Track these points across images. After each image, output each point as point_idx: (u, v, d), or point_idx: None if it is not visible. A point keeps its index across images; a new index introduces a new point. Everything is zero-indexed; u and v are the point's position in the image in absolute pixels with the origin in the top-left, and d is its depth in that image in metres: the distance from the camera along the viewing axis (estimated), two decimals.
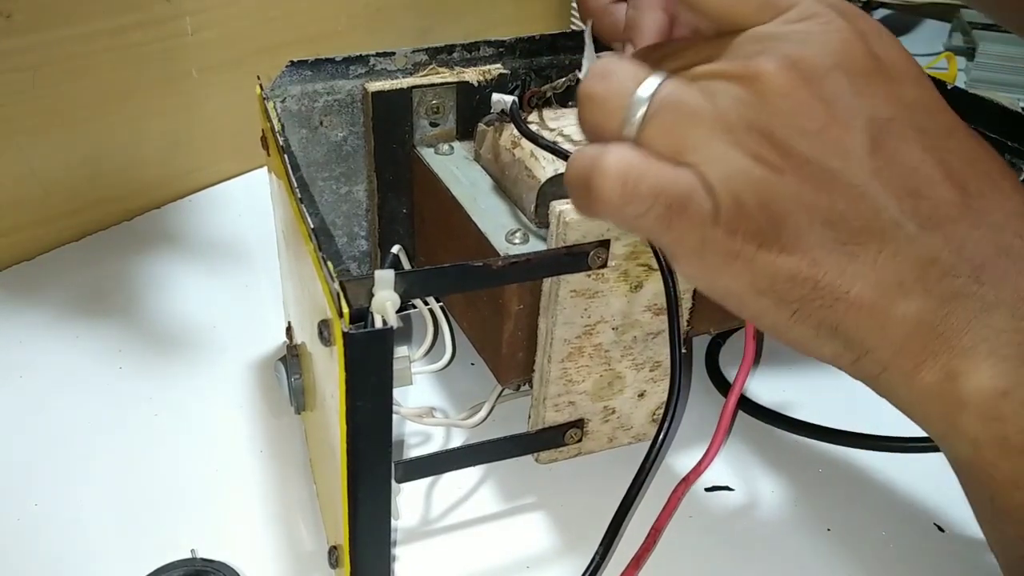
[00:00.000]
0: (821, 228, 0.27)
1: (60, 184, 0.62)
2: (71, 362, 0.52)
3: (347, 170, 0.49)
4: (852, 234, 0.27)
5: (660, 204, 0.28)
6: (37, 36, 0.57)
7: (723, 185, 0.28)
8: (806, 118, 0.27)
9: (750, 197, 0.27)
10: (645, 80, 0.29)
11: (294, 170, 0.37)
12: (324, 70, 0.46)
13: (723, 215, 0.28)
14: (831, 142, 0.27)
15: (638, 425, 0.46)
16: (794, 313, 0.29)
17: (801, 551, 0.43)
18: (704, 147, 0.28)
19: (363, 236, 0.52)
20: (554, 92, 0.47)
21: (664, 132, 0.29)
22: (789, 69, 0.27)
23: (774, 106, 0.27)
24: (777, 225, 0.28)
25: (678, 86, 0.29)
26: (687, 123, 0.28)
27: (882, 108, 0.27)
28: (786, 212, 0.27)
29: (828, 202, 0.27)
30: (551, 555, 0.42)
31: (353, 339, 0.29)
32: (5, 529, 0.42)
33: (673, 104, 0.28)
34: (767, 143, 0.27)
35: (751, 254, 0.28)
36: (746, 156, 0.27)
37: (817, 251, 0.28)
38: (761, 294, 0.29)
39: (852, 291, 0.28)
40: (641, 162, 0.28)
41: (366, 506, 0.33)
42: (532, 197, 0.42)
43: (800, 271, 0.28)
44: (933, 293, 0.27)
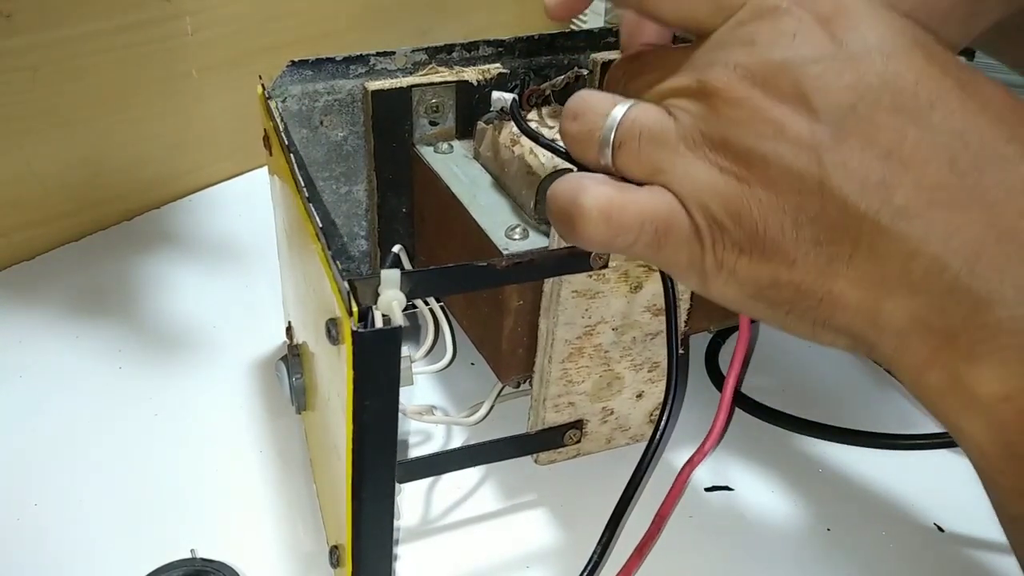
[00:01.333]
0: (794, 230, 0.27)
1: (60, 184, 0.62)
2: (71, 362, 0.52)
3: (347, 170, 0.49)
4: (824, 231, 0.26)
5: (647, 231, 0.29)
6: (37, 36, 0.57)
7: (693, 201, 0.28)
8: (760, 123, 0.27)
9: (719, 209, 0.28)
10: (611, 111, 0.30)
11: (300, 169, 0.37)
12: (324, 70, 0.46)
13: (702, 230, 0.29)
14: (789, 141, 0.26)
15: (636, 426, 0.47)
16: (788, 313, 0.29)
17: (801, 551, 0.43)
18: (671, 166, 0.29)
19: (363, 236, 0.52)
20: (553, 90, 0.47)
21: (633, 158, 0.30)
22: (741, 78, 0.27)
23: (727, 117, 0.27)
24: (752, 233, 0.28)
25: (641, 111, 0.30)
26: (651, 145, 0.29)
27: (842, 95, 0.26)
28: (757, 219, 0.27)
29: (796, 203, 0.27)
30: (550, 554, 0.42)
31: (362, 338, 0.29)
32: (5, 529, 0.42)
33: (636, 130, 0.30)
34: (728, 154, 0.27)
35: (733, 264, 0.28)
36: (711, 169, 0.28)
37: (794, 254, 0.27)
38: (753, 299, 0.29)
39: (834, 291, 0.27)
40: (618, 194, 0.29)
41: (370, 505, 0.33)
42: (531, 193, 0.42)
43: (781, 276, 0.28)
44: (920, 289, 0.26)
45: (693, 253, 0.29)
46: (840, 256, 0.26)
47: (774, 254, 0.27)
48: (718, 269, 0.29)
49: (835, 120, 0.26)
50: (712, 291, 0.30)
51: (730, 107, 0.27)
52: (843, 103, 0.26)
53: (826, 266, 0.27)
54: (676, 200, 0.29)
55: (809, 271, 0.27)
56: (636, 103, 0.30)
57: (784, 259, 0.27)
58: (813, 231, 0.27)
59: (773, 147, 0.27)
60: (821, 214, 0.26)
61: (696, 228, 0.29)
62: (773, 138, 0.27)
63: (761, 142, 0.27)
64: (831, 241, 0.26)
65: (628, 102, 0.30)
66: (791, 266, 0.27)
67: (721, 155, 0.28)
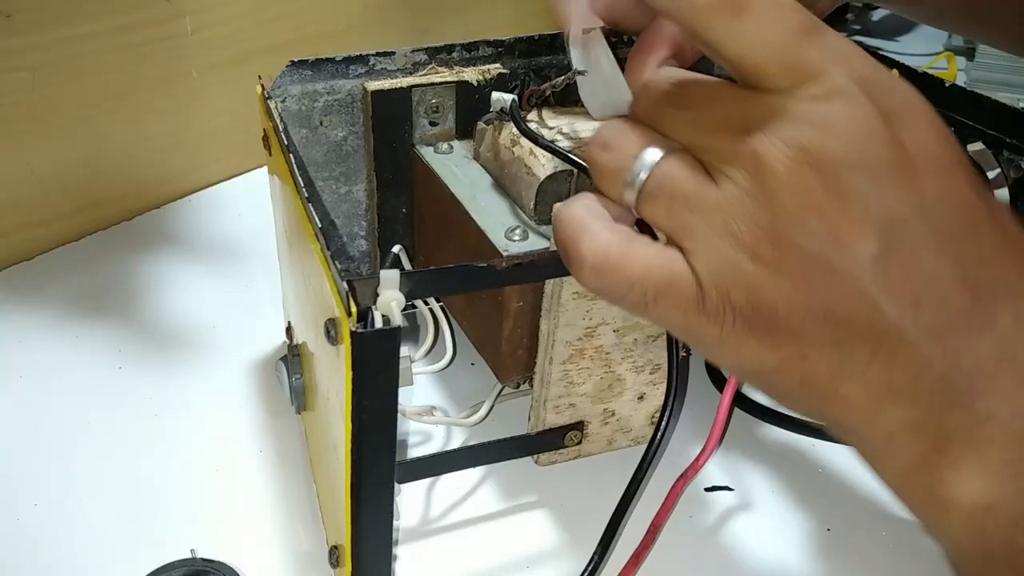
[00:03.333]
0: (815, 326, 0.26)
1: (60, 184, 0.62)
2: (71, 362, 0.52)
3: (347, 170, 0.49)
4: (847, 335, 0.26)
5: (635, 292, 0.28)
6: (37, 36, 0.57)
7: (711, 278, 0.27)
8: (815, 217, 0.26)
9: (740, 294, 0.27)
10: (644, 153, 0.29)
11: (299, 169, 0.37)
12: (324, 70, 0.46)
13: (708, 305, 0.27)
14: (838, 243, 0.26)
15: (637, 428, 0.46)
16: (785, 395, 0.29)
17: (801, 551, 0.43)
18: (697, 236, 0.27)
19: (363, 236, 0.52)
20: (553, 91, 0.47)
21: (661, 214, 0.28)
22: (802, 164, 0.26)
23: (780, 203, 0.26)
24: (770, 321, 0.27)
25: (678, 165, 0.28)
26: (683, 208, 0.28)
27: (899, 208, 0.26)
28: (779, 311, 0.27)
29: (825, 302, 0.26)
30: (550, 555, 0.42)
31: (361, 338, 0.29)
32: (5, 529, 0.42)
33: (669, 186, 0.28)
34: (767, 240, 0.26)
35: (738, 341, 0.28)
36: (740, 251, 0.27)
37: (808, 348, 0.27)
38: (751, 377, 0.29)
39: (840, 390, 0.27)
40: (618, 251, 0.28)
41: (369, 506, 0.33)
42: (531, 194, 0.42)
43: (789, 365, 0.27)
44: (923, 401, 0.26)
45: (690, 320, 0.28)
46: (857, 360, 0.26)
47: (787, 344, 0.27)
48: (719, 341, 0.28)
49: (886, 231, 0.26)
50: (705, 354, 0.30)
51: (787, 195, 0.26)
52: (897, 217, 0.26)
53: (839, 366, 0.27)
54: (685, 267, 0.28)
55: (821, 368, 0.27)
56: (672, 151, 0.28)
57: (797, 351, 0.27)
58: (836, 333, 0.26)
59: (821, 248, 0.26)
60: (849, 318, 0.26)
61: (701, 300, 0.28)
62: (823, 239, 0.26)
63: (810, 240, 0.26)
64: (852, 345, 0.26)
65: (664, 146, 0.28)
66: (802, 359, 0.27)
67: (760, 241, 0.26)
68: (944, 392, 0.26)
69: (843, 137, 0.26)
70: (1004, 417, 0.26)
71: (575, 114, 0.46)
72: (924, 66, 0.92)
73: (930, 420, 0.26)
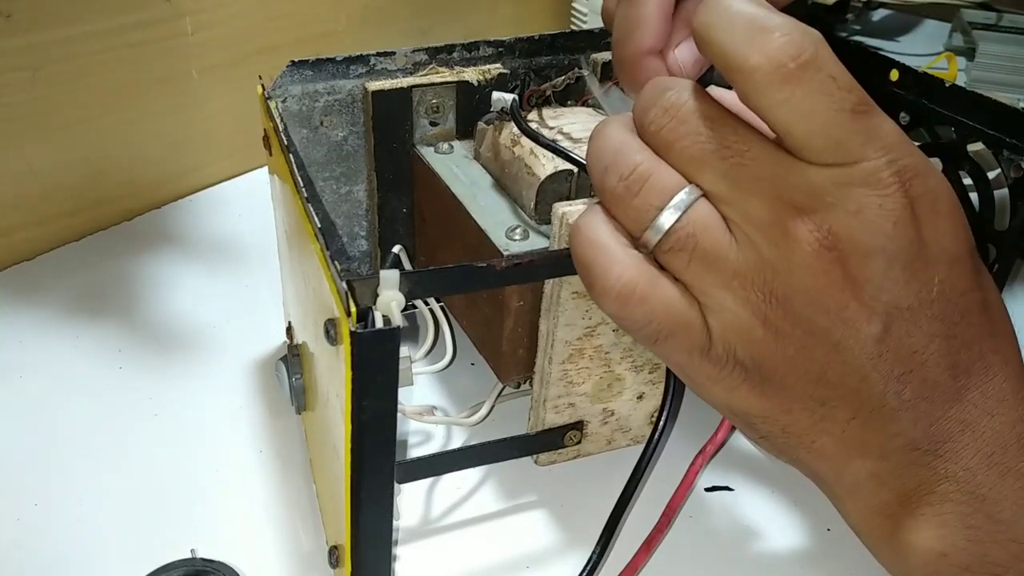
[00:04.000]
0: (806, 386, 0.28)
1: (60, 184, 0.62)
2: (71, 362, 0.52)
3: (347, 170, 0.49)
4: (833, 397, 0.28)
5: (651, 328, 0.29)
6: (37, 36, 0.57)
7: (721, 334, 0.29)
8: (829, 298, 0.27)
9: (744, 351, 0.29)
10: (674, 199, 0.28)
11: (299, 169, 0.37)
12: (325, 70, 0.46)
13: (713, 354, 0.29)
14: (845, 324, 0.27)
15: (636, 427, 0.47)
16: (762, 438, 0.31)
17: (801, 551, 0.43)
18: (714, 293, 0.28)
19: (363, 236, 0.52)
20: (554, 90, 0.47)
21: (679, 267, 0.29)
22: (828, 248, 0.27)
23: (800, 280, 0.27)
24: (764, 375, 0.29)
25: (704, 219, 0.28)
26: (702, 265, 0.28)
27: (907, 297, 0.27)
28: (777, 369, 0.28)
29: (821, 369, 0.28)
30: (550, 555, 0.42)
31: (361, 338, 0.29)
32: (5, 529, 0.42)
33: (693, 241, 0.28)
34: (780, 309, 0.28)
35: (731, 386, 0.29)
36: (753, 316, 0.28)
37: (794, 403, 0.29)
38: (733, 415, 0.31)
39: (817, 442, 0.29)
40: (645, 287, 0.29)
41: (369, 506, 0.33)
42: (532, 194, 0.42)
43: (773, 415, 0.29)
44: (890, 458, 0.29)
45: (692, 362, 0.30)
46: (837, 419, 0.29)
47: (777, 397, 0.29)
48: (712, 382, 0.30)
49: (890, 317, 0.27)
50: (696, 390, 0.31)
51: (807, 275, 0.27)
52: (903, 305, 0.27)
53: (819, 422, 0.29)
54: (699, 316, 0.29)
55: (803, 421, 0.29)
56: (701, 201, 0.28)
57: (784, 404, 0.29)
58: (823, 394, 0.28)
59: (829, 326, 0.27)
60: (838, 385, 0.28)
61: (707, 348, 0.29)
62: (833, 316, 0.27)
63: (820, 316, 0.27)
64: (834, 406, 0.28)
65: (694, 193, 0.28)
66: (787, 412, 0.29)
67: (772, 307, 0.28)
68: (910, 452, 0.29)
69: (872, 227, 0.26)
70: (960, 477, 0.29)
71: (575, 113, 0.46)
72: (924, 66, 0.92)
73: (895, 474, 0.29)
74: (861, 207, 0.26)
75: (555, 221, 0.38)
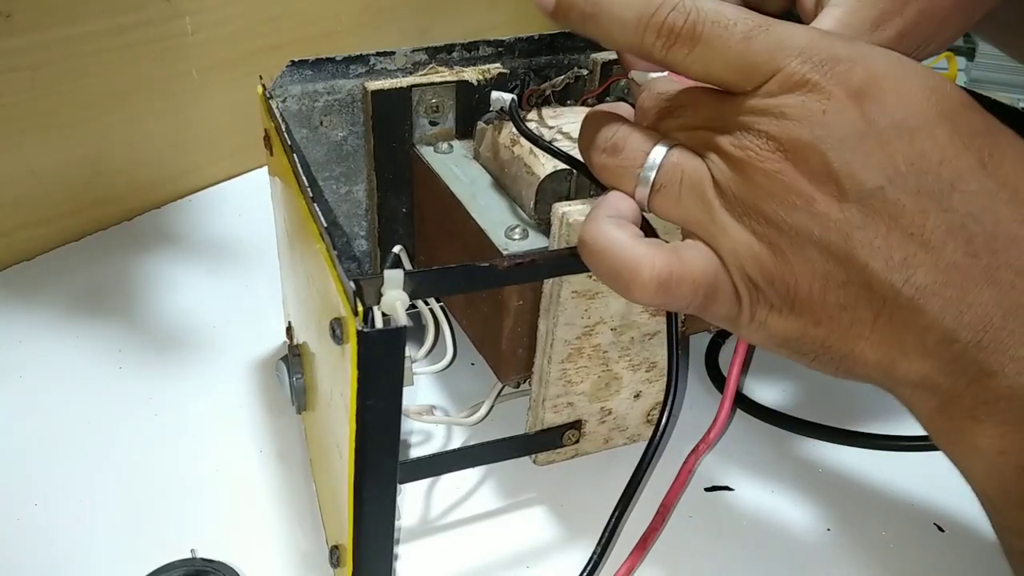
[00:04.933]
0: (821, 294, 0.29)
1: (60, 184, 0.62)
2: (71, 362, 0.52)
3: (347, 170, 0.49)
4: (849, 299, 0.28)
5: (699, 297, 0.31)
6: (37, 36, 0.57)
7: (732, 262, 0.30)
8: (792, 197, 0.28)
9: (755, 272, 0.30)
10: (652, 150, 0.32)
11: (303, 168, 0.37)
12: (324, 70, 0.46)
13: (740, 292, 0.30)
14: (819, 216, 0.28)
15: (633, 426, 0.47)
16: (813, 360, 0.31)
17: (801, 551, 0.43)
18: (709, 221, 0.30)
19: (363, 236, 0.52)
20: (553, 90, 0.47)
21: (672, 203, 0.32)
22: (771, 150, 0.28)
23: (760, 187, 0.29)
24: (783, 294, 0.29)
25: (682, 156, 0.31)
26: (691, 195, 0.31)
27: (869, 177, 0.27)
28: (788, 282, 0.29)
29: (824, 272, 0.28)
30: (550, 553, 0.42)
31: (367, 337, 0.29)
32: (5, 529, 0.42)
33: (678, 175, 0.31)
34: (762, 220, 0.29)
35: (764, 318, 0.30)
36: (747, 232, 0.30)
37: (821, 314, 0.29)
38: (781, 347, 0.31)
39: (855, 350, 0.29)
40: (676, 266, 0.30)
41: (371, 505, 0.33)
42: (531, 194, 0.42)
43: (807, 332, 0.30)
44: (932, 356, 0.28)
45: (731, 309, 0.31)
46: (862, 321, 0.28)
47: (802, 312, 0.29)
48: (751, 321, 0.31)
49: (863, 200, 0.27)
50: (743, 335, 0.32)
51: (762, 178, 0.29)
52: (870, 185, 0.27)
53: (849, 328, 0.29)
54: (719, 262, 0.31)
55: (834, 331, 0.29)
56: (676, 146, 0.32)
57: (811, 318, 0.29)
58: (839, 297, 0.28)
59: (804, 221, 0.28)
60: (847, 283, 0.28)
61: (735, 289, 0.31)
62: (804, 212, 0.28)
63: (792, 215, 0.28)
64: (855, 308, 0.28)
65: (668, 143, 0.32)
66: (817, 324, 0.29)
67: (755, 221, 0.29)
68: (950, 346, 0.27)
69: (803, 121, 0.28)
70: (1009, 369, 0.27)
71: (575, 113, 0.46)
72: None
73: (944, 372, 0.28)
74: (785, 107, 0.28)
75: (555, 221, 0.38)
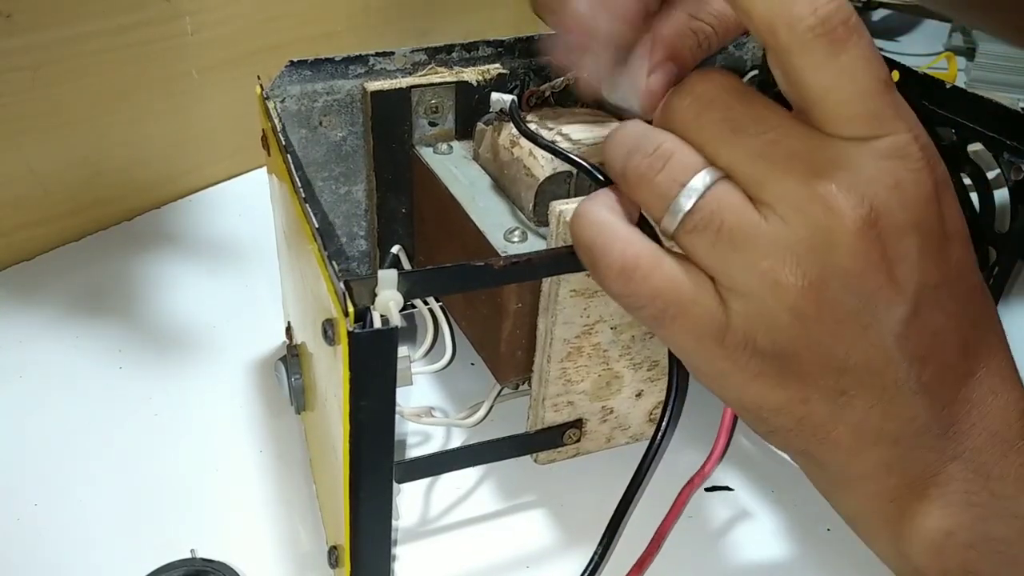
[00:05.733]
0: (826, 374, 0.27)
1: (60, 184, 0.62)
2: (71, 362, 0.52)
3: (346, 170, 0.49)
4: (855, 386, 0.27)
5: (656, 307, 0.28)
6: (37, 36, 0.57)
7: (744, 320, 0.27)
8: (868, 279, 0.26)
9: (766, 339, 0.27)
10: (694, 177, 0.27)
11: (297, 170, 0.37)
12: (324, 70, 0.46)
13: (729, 341, 0.27)
14: (878, 303, 0.26)
15: (635, 425, 0.47)
16: (770, 432, 0.30)
17: (801, 551, 0.43)
18: (740, 276, 0.26)
19: (362, 236, 0.52)
20: (553, 91, 0.47)
21: (703, 249, 0.27)
22: (871, 224, 0.25)
23: (839, 260, 0.25)
24: (782, 364, 0.27)
25: (728, 196, 0.26)
26: (727, 246, 0.26)
27: (934, 275, 0.27)
28: (797, 357, 0.27)
29: (844, 355, 0.27)
30: (551, 554, 0.42)
31: (358, 338, 0.29)
32: (5, 529, 0.42)
33: (718, 220, 0.26)
34: (813, 293, 0.26)
35: (745, 378, 0.28)
36: (781, 300, 0.26)
37: (813, 393, 0.28)
38: (744, 409, 0.29)
39: (832, 434, 0.28)
40: (648, 262, 0.28)
41: (368, 506, 0.33)
42: (530, 196, 0.42)
43: (789, 406, 0.28)
44: (903, 444, 0.29)
45: (703, 347, 0.28)
46: (856, 408, 0.28)
47: (793, 387, 0.28)
48: (725, 376, 0.28)
49: (918, 297, 0.27)
50: (705, 382, 0.29)
51: (848, 254, 0.25)
52: (930, 285, 0.27)
53: (838, 411, 0.28)
54: (714, 298, 0.27)
55: (820, 413, 0.28)
56: (724, 180, 0.27)
57: (801, 395, 0.28)
58: (846, 381, 0.27)
59: (863, 308, 0.26)
60: (863, 369, 0.27)
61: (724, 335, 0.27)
62: (867, 300, 0.26)
63: (855, 300, 0.26)
64: (856, 395, 0.28)
65: (716, 172, 0.27)
66: (805, 403, 0.28)
67: (804, 295, 0.26)
68: (922, 436, 0.29)
69: (910, 204, 0.25)
70: (967, 456, 0.29)
71: (575, 115, 0.46)
72: (924, 66, 0.92)
73: (905, 459, 0.29)
74: (899, 181, 0.25)
75: (552, 220, 0.38)
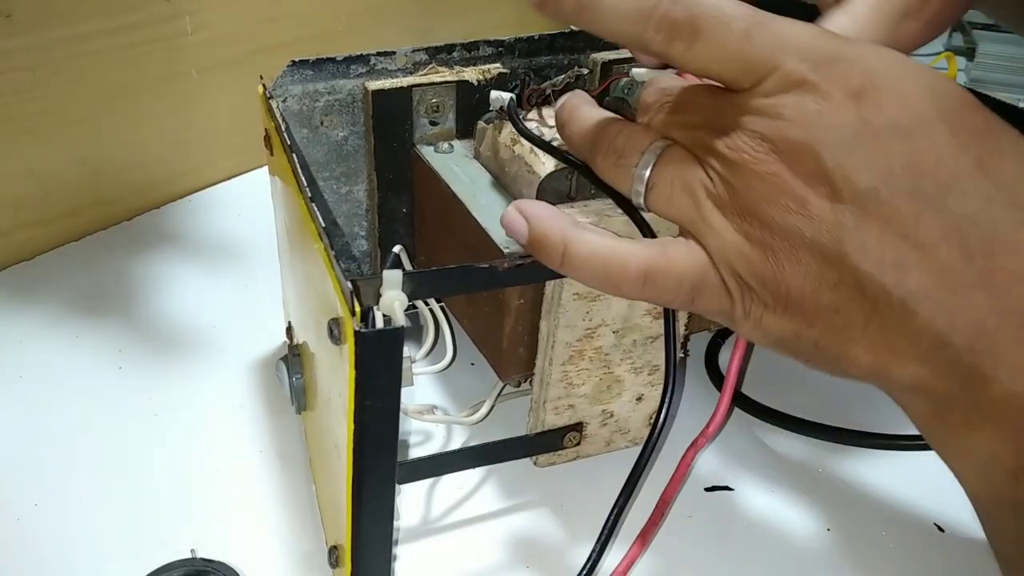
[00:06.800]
0: (814, 295, 0.28)
1: (60, 184, 0.62)
2: (71, 362, 0.52)
3: (347, 170, 0.49)
4: (842, 300, 0.28)
5: (685, 288, 0.31)
6: (37, 36, 0.57)
7: (722, 261, 0.30)
8: (785, 199, 0.28)
9: (746, 272, 0.30)
10: (647, 148, 0.32)
11: (303, 169, 0.37)
12: (325, 69, 0.46)
13: (731, 288, 0.31)
14: (812, 218, 0.28)
15: (635, 429, 0.46)
16: (809, 359, 0.31)
17: (801, 551, 0.43)
18: (701, 221, 0.31)
19: (363, 236, 0.52)
20: (553, 90, 0.47)
21: (664, 201, 0.32)
22: (765, 152, 0.28)
23: (753, 189, 0.29)
24: (776, 294, 0.29)
25: (675, 155, 0.32)
26: (683, 194, 0.31)
27: (864, 179, 0.27)
28: (780, 284, 0.29)
29: (817, 273, 0.28)
30: (550, 555, 0.42)
31: (365, 338, 0.29)
32: (5, 529, 0.42)
33: (670, 175, 0.31)
34: (754, 223, 0.29)
35: (759, 316, 0.30)
36: (737, 234, 0.29)
37: (813, 315, 0.29)
38: (776, 345, 0.31)
39: (848, 352, 0.29)
40: (660, 260, 0.31)
41: (370, 506, 0.33)
42: (532, 193, 0.42)
43: (801, 332, 0.30)
44: (925, 360, 0.27)
45: (723, 305, 0.31)
46: (854, 324, 0.28)
47: (796, 313, 0.29)
48: (745, 318, 0.31)
49: (856, 202, 0.27)
50: (740, 333, 0.33)
51: (756, 181, 0.29)
52: (864, 187, 0.27)
53: (841, 330, 0.29)
54: (708, 258, 0.31)
55: (826, 332, 0.29)
56: (672, 145, 0.32)
57: (804, 319, 0.29)
58: (831, 299, 0.28)
59: (796, 223, 0.28)
60: (839, 285, 0.28)
61: (725, 285, 0.31)
62: (796, 214, 0.28)
63: (785, 217, 0.28)
64: (847, 310, 0.28)
65: (663, 142, 0.32)
66: (810, 326, 0.29)
67: (747, 222, 0.29)
68: (944, 351, 0.27)
69: (798, 122, 0.28)
70: (1003, 377, 0.27)
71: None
72: None
73: (936, 378, 0.28)
74: (781, 107, 0.28)
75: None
